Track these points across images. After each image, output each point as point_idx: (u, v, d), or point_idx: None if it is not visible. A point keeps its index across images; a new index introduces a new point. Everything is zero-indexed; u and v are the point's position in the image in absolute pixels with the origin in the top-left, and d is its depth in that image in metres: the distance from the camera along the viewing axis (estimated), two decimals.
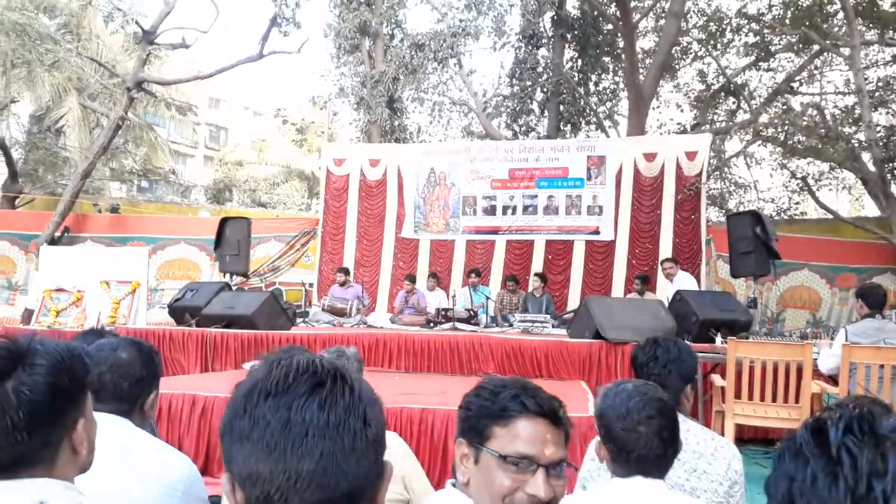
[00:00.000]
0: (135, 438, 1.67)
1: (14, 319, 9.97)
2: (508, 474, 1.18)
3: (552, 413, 1.24)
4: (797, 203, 11.59)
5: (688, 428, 1.99)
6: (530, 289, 9.33)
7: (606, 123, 16.00)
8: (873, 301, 4.59)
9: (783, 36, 12.05)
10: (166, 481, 1.58)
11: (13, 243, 11.33)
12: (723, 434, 4.52)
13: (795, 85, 13.12)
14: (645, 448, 1.55)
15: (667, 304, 6.77)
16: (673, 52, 13.33)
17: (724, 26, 13.30)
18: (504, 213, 10.41)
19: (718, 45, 13.67)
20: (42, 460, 1.09)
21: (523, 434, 1.20)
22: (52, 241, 10.90)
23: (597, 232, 10.09)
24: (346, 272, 9.71)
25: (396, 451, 2.00)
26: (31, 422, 1.05)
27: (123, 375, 1.73)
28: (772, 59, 13.23)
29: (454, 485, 1.29)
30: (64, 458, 1.12)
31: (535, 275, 9.37)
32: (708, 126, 13.74)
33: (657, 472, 1.58)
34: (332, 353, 2.36)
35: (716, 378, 5.05)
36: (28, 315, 8.43)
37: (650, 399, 1.60)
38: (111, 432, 1.52)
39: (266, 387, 0.75)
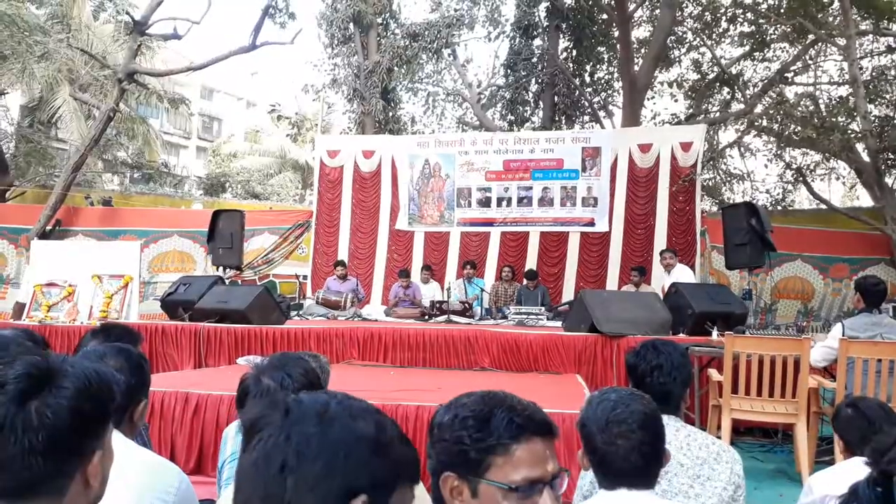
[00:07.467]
0: (125, 452, 1.63)
1: (5, 313, 9.93)
2: (517, 502, 1.10)
3: (547, 427, 1.16)
4: (790, 192, 11.59)
5: (688, 433, 1.97)
6: (524, 283, 9.30)
7: (601, 114, 15.95)
8: (872, 299, 4.54)
9: (778, 25, 12.00)
10: (157, 493, 1.55)
11: (3, 237, 11.21)
12: (719, 429, 4.51)
13: (790, 75, 13.08)
14: (623, 462, 1.52)
15: (662, 296, 6.76)
16: (668, 42, 13.26)
17: (719, 16, 13.23)
18: (499, 204, 10.37)
19: (713, 35, 13.61)
20: (52, 490, 1.01)
21: (526, 458, 1.11)
22: (44, 235, 10.80)
23: (592, 223, 10.07)
24: (344, 265, 9.64)
25: None
26: (48, 447, 0.97)
27: None
28: (767, 49, 13.18)
29: None
30: (75, 490, 1.04)
31: (526, 273, 9.30)
32: (702, 116, 13.70)
33: (641, 483, 1.54)
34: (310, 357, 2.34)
35: (712, 372, 5.03)
36: (19, 309, 8.39)
37: (633, 412, 1.56)
38: None
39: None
